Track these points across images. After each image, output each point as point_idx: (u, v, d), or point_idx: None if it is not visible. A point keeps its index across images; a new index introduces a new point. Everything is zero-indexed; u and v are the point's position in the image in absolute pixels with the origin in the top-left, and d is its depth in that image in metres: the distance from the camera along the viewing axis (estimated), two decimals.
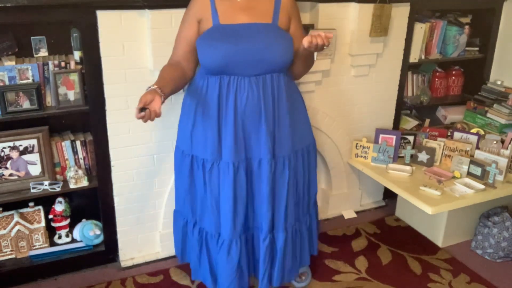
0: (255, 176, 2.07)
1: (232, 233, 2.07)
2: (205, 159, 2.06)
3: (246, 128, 2.00)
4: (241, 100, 1.96)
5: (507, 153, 2.69)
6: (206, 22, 1.97)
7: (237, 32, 1.93)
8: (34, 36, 2.29)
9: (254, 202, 2.12)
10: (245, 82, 1.95)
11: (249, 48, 1.91)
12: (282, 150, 2.07)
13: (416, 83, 3.28)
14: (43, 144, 2.36)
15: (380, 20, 2.67)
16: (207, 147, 2.04)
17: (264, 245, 2.13)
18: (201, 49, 1.96)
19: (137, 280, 2.50)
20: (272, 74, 1.98)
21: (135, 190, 2.51)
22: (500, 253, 2.71)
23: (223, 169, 2.02)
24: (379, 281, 2.53)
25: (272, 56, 1.93)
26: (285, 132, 2.06)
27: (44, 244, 2.52)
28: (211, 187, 2.07)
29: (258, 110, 1.98)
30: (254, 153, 2.04)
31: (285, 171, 2.09)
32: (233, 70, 1.94)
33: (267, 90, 1.98)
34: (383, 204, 3.29)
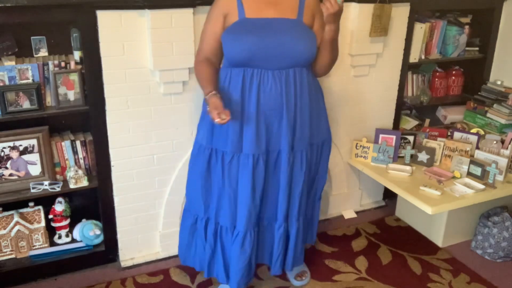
0: (273, 168, 2.12)
1: (247, 224, 2.12)
2: (225, 152, 2.09)
3: (268, 120, 2.04)
4: (264, 93, 2.00)
5: (507, 153, 2.69)
6: (232, 17, 2.00)
7: (262, 25, 1.97)
8: (34, 36, 2.29)
9: (269, 193, 2.17)
10: (269, 75, 1.99)
11: (274, 41, 1.95)
12: (301, 143, 2.13)
13: (416, 83, 3.28)
14: (43, 144, 2.36)
15: (380, 20, 2.67)
16: (228, 139, 2.06)
17: (279, 233, 2.20)
18: (227, 42, 2.00)
19: (137, 280, 2.50)
20: (295, 68, 2.02)
21: (135, 190, 2.51)
22: (500, 253, 2.71)
23: (243, 161, 2.06)
24: (379, 281, 2.53)
25: (296, 50, 1.97)
26: (305, 126, 2.12)
27: (44, 244, 2.52)
28: (230, 180, 2.11)
29: (280, 103, 2.02)
30: (274, 145, 2.09)
31: (303, 164, 2.15)
32: (257, 63, 1.98)
33: (289, 84, 2.02)
34: (383, 204, 3.29)
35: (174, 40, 2.26)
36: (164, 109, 2.43)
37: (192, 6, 2.25)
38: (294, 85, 2.03)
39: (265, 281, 2.50)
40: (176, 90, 2.39)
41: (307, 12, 2.05)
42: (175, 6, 2.21)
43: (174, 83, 2.36)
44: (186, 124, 2.50)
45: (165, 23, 2.23)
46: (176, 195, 2.59)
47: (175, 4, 2.20)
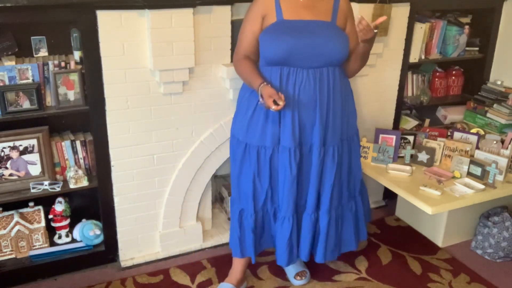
0: (306, 160, 2.22)
1: (286, 210, 2.25)
2: (263, 146, 2.19)
3: (302, 116, 2.14)
4: (299, 90, 2.11)
5: (507, 153, 2.69)
6: (270, 18, 2.11)
7: (299, 27, 2.09)
8: (34, 36, 2.29)
9: (302, 184, 2.27)
10: (303, 73, 2.10)
11: (310, 42, 2.06)
12: (333, 138, 2.22)
13: (416, 83, 3.28)
14: (43, 144, 2.36)
15: None
16: (267, 135, 2.17)
17: (306, 220, 2.30)
18: (265, 41, 2.11)
19: (137, 280, 2.50)
20: (328, 67, 2.13)
21: (135, 190, 2.51)
22: (500, 253, 2.71)
23: (282, 153, 2.18)
24: (379, 281, 2.53)
25: (330, 51, 2.09)
26: (336, 122, 2.21)
27: (44, 244, 2.52)
28: (272, 171, 2.22)
29: (314, 100, 2.13)
30: (307, 139, 2.19)
31: (335, 158, 2.24)
32: (294, 62, 2.08)
33: (323, 82, 2.13)
34: (383, 204, 3.29)
35: (174, 40, 2.26)
36: (164, 109, 2.43)
37: (192, 6, 2.25)
38: (327, 83, 2.14)
39: (265, 281, 2.50)
40: (176, 90, 2.39)
41: (340, 15, 2.17)
42: (175, 6, 2.21)
43: (174, 83, 2.36)
44: (186, 124, 2.50)
45: (165, 23, 2.23)
46: (176, 195, 2.59)
47: (175, 4, 2.21)
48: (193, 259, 2.67)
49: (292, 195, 2.23)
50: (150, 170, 2.50)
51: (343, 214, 2.41)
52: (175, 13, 2.22)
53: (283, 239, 2.30)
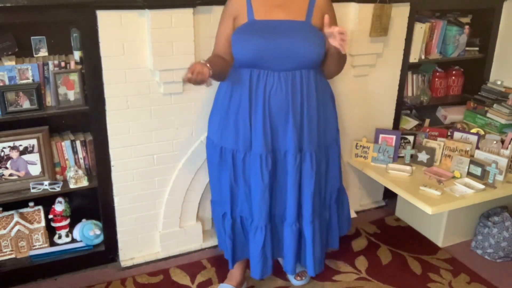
0: (280, 167, 2.14)
1: (258, 219, 2.18)
2: (236, 150, 2.13)
3: (273, 121, 2.07)
4: (269, 94, 2.03)
5: (507, 153, 2.69)
6: (241, 18, 2.04)
7: (270, 27, 2.00)
8: (34, 36, 2.29)
9: (277, 192, 2.19)
10: (275, 76, 2.02)
11: (280, 43, 1.98)
12: (310, 145, 2.14)
13: (416, 83, 3.28)
14: (43, 144, 2.36)
15: (380, 20, 2.67)
16: (239, 138, 2.11)
17: (287, 232, 2.22)
18: (236, 42, 2.04)
19: (137, 280, 2.50)
20: (301, 70, 2.04)
21: (135, 190, 2.51)
22: (500, 253, 2.71)
23: (253, 159, 2.10)
24: (379, 281, 2.53)
25: (302, 52, 1.99)
26: (313, 128, 2.13)
27: (44, 244, 2.52)
28: (244, 177, 2.16)
29: (286, 105, 2.04)
30: (280, 145, 2.11)
31: (313, 165, 2.15)
32: (264, 64, 2.01)
33: (296, 86, 2.04)
34: (383, 204, 3.29)
35: (174, 40, 2.26)
36: (164, 109, 2.43)
37: (192, 6, 2.25)
38: (300, 86, 2.05)
39: (265, 281, 2.50)
40: (176, 90, 2.39)
41: (317, 13, 2.06)
42: (175, 6, 2.21)
43: (174, 83, 2.36)
44: (186, 124, 2.50)
45: (165, 23, 2.23)
46: (176, 195, 2.59)
47: (175, 4, 2.21)
48: (193, 259, 2.67)
49: (264, 204, 2.15)
50: (150, 170, 2.51)
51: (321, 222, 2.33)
52: (175, 13, 2.22)
53: (255, 250, 2.22)
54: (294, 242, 2.24)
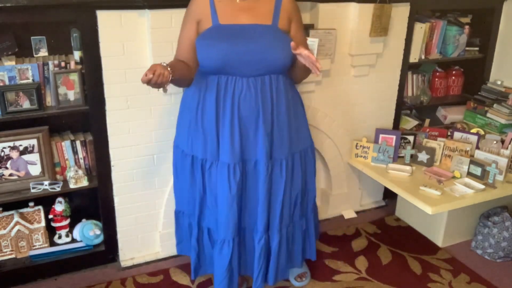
0: (251, 177, 2.07)
1: (226, 232, 2.09)
2: (204, 159, 2.07)
3: (243, 129, 2.00)
4: (238, 101, 1.96)
5: (507, 153, 2.69)
6: (205, 22, 1.96)
7: (236, 32, 1.93)
8: (34, 36, 2.29)
9: (247, 203, 2.12)
10: (243, 82, 1.95)
11: (247, 48, 1.90)
12: (280, 152, 2.07)
13: (416, 83, 3.28)
14: (43, 144, 2.36)
15: (380, 20, 2.67)
16: (207, 147, 2.05)
17: (260, 245, 2.14)
18: (200, 48, 1.96)
19: (137, 280, 2.50)
20: (270, 75, 1.98)
21: (135, 190, 2.51)
22: (500, 253, 2.71)
23: (220, 169, 2.03)
24: (379, 281, 2.53)
25: (270, 57, 1.92)
26: (283, 134, 2.06)
27: (44, 244, 2.52)
28: (210, 186, 2.09)
29: (255, 111, 1.98)
30: (251, 154, 2.04)
31: (283, 173, 2.09)
32: (231, 70, 1.93)
33: (265, 92, 1.98)
34: (383, 204, 3.29)
35: (174, 40, 2.24)
36: (164, 109, 2.43)
37: None
38: (270, 92, 1.98)
39: None
40: (176, 90, 2.39)
41: (284, 17, 1.99)
42: (175, 6, 2.21)
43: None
44: None
45: (165, 23, 2.23)
46: None
47: (175, 4, 2.21)
48: None
49: (232, 216, 2.05)
50: (150, 170, 2.51)
51: (294, 232, 2.26)
52: (175, 13, 2.22)
53: (221, 266, 2.12)
54: (264, 256, 2.16)
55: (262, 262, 2.16)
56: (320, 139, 2.87)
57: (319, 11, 2.59)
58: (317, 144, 2.88)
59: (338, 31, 2.65)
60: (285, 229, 2.19)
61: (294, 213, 2.22)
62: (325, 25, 2.61)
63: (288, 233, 2.21)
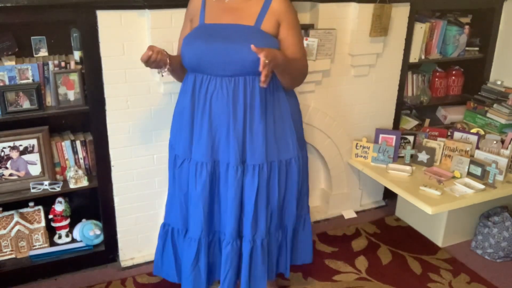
0: (223, 180, 2.02)
1: (195, 231, 2.07)
2: (177, 155, 2.09)
3: (215, 129, 1.97)
4: (210, 100, 1.94)
5: (507, 153, 2.69)
6: (195, 22, 2.00)
7: (214, 31, 1.92)
8: (34, 36, 2.29)
9: (220, 207, 2.08)
10: (216, 82, 1.92)
11: (221, 47, 1.87)
12: (254, 157, 1.98)
13: (416, 83, 3.28)
14: (43, 144, 2.36)
15: (380, 20, 2.67)
16: (181, 144, 2.06)
17: (226, 251, 2.08)
18: (183, 46, 1.98)
19: (137, 280, 2.50)
20: (246, 77, 1.91)
21: (135, 190, 2.51)
22: (500, 253, 2.71)
23: (191, 167, 2.03)
24: (379, 281, 2.53)
25: (243, 57, 1.85)
26: (258, 140, 1.97)
27: (44, 244, 2.52)
28: (180, 184, 2.09)
29: (226, 113, 1.93)
30: (223, 156, 1.99)
31: (255, 179, 2.00)
32: (206, 69, 1.92)
33: (237, 93, 1.92)
34: (383, 204, 3.29)
35: (174, 40, 2.25)
36: (164, 109, 2.43)
37: None
38: (243, 94, 1.91)
39: None
40: (176, 90, 2.39)
41: (270, 19, 1.92)
42: (175, 6, 2.21)
43: (174, 82, 2.35)
44: None
45: (165, 23, 2.23)
46: None
47: (175, 4, 2.21)
48: None
49: (198, 216, 2.03)
50: (150, 170, 2.51)
51: (270, 243, 2.15)
52: (175, 13, 2.22)
53: (187, 262, 2.10)
54: (233, 262, 2.09)
55: (229, 269, 2.09)
56: (320, 139, 2.87)
57: (319, 11, 2.59)
58: (317, 144, 2.88)
59: (338, 31, 2.65)
60: (260, 240, 2.09)
61: (271, 223, 2.12)
62: (325, 25, 2.61)
63: (263, 245, 2.11)
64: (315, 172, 3.08)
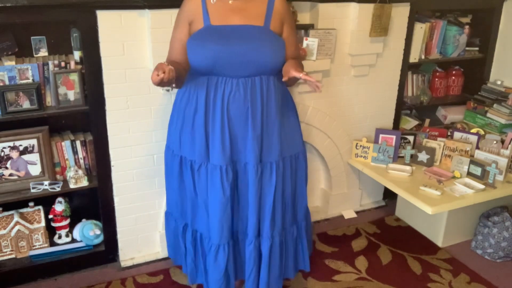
0: (241, 179, 2.04)
1: (219, 237, 2.06)
2: (193, 160, 2.05)
3: (233, 130, 1.98)
4: (228, 101, 1.94)
5: (507, 153, 2.69)
6: (197, 23, 1.96)
7: (227, 33, 1.92)
8: (34, 36, 2.29)
9: (239, 206, 2.09)
10: (233, 83, 1.93)
11: (238, 49, 1.89)
12: (270, 155, 2.03)
13: (416, 83, 3.28)
14: (43, 144, 2.36)
15: (380, 20, 2.67)
16: (195, 148, 2.03)
17: (249, 249, 2.10)
18: (191, 49, 1.95)
19: (137, 280, 2.50)
20: (261, 76, 1.95)
21: (135, 190, 2.51)
22: (500, 253, 2.71)
23: (211, 171, 2.01)
24: (379, 281, 2.53)
25: (261, 58, 1.91)
26: (273, 137, 2.02)
27: (44, 244, 2.52)
28: (200, 189, 2.07)
29: (245, 113, 1.95)
30: (241, 156, 2.01)
31: (273, 177, 2.04)
32: (222, 71, 1.92)
33: (255, 93, 1.95)
34: (383, 204, 3.29)
35: None
36: (164, 109, 2.43)
37: None
38: (260, 93, 1.95)
39: None
40: (175, 90, 2.39)
41: (276, 18, 1.97)
42: (175, 6, 2.20)
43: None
44: None
45: (165, 23, 2.23)
46: None
47: (175, 4, 2.20)
48: None
49: (226, 220, 2.02)
50: (150, 170, 2.51)
51: (286, 240, 2.19)
52: (175, 13, 2.21)
53: (217, 273, 2.08)
54: (256, 261, 2.11)
55: (253, 267, 2.12)
56: (320, 139, 2.87)
57: (319, 11, 2.59)
58: (317, 144, 2.88)
59: (338, 31, 2.65)
60: (278, 236, 2.14)
61: (286, 219, 2.17)
62: (325, 25, 2.61)
63: (281, 240, 2.15)
64: (315, 172, 3.08)
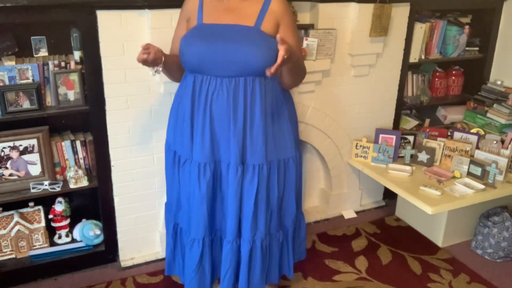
0: (224, 179, 2.03)
1: (197, 231, 2.07)
2: (181, 156, 2.09)
3: (215, 129, 1.97)
4: (211, 101, 1.94)
5: (507, 153, 2.69)
6: (192, 21, 1.98)
7: (214, 31, 1.91)
8: (34, 36, 2.29)
9: (223, 206, 2.08)
10: (217, 82, 1.92)
11: (222, 48, 1.87)
12: (254, 158, 2.00)
13: (416, 83, 3.28)
14: (43, 144, 2.36)
15: (380, 20, 2.67)
16: (183, 144, 2.06)
17: (226, 249, 2.09)
18: (181, 46, 1.96)
19: (137, 280, 2.50)
20: (246, 77, 1.91)
21: (135, 190, 2.51)
22: (500, 253, 2.71)
23: (193, 168, 2.02)
24: (379, 281, 2.53)
25: (245, 58, 1.87)
26: (258, 139, 1.98)
27: (44, 244, 2.52)
28: (184, 183, 2.09)
29: (227, 112, 1.93)
30: (224, 156, 2.00)
31: (254, 179, 2.01)
32: (207, 70, 1.91)
33: (238, 93, 1.92)
34: (383, 204, 3.29)
35: None
36: (164, 109, 2.42)
37: None
38: (244, 94, 1.92)
39: None
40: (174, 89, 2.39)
41: (270, 19, 1.93)
42: (175, 6, 2.21)
43: (173, 82, 2.35)
44: None
45: (165, 23, 2.23)
46: None
47: (175, 4, 2.20)
48: None
49: (202, 216, 2.03)
50: (150, 170, 2.51)
51: (271, 245, 2.16)
52: (175, 13, 2.22)
53: (191, 265, 2.09)
54: (233, 262, 2.09)
55: (229, 268, 2.10)
56: (320, 139, 2.87)
57: (319, 11, 2.59)
58: (317, 144, 2.88)
59: (338, 31, 2.65)
60: (259, 240, 2.09)
61: (271, 223, 2.13)
62: (325, 25, 2.61)
63: (264, 245, 2.12)
64: (315, 172, 3.08)
